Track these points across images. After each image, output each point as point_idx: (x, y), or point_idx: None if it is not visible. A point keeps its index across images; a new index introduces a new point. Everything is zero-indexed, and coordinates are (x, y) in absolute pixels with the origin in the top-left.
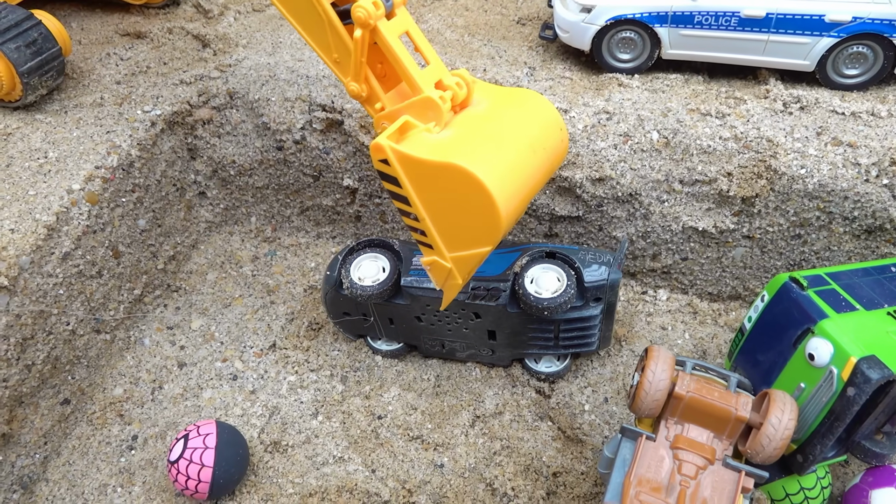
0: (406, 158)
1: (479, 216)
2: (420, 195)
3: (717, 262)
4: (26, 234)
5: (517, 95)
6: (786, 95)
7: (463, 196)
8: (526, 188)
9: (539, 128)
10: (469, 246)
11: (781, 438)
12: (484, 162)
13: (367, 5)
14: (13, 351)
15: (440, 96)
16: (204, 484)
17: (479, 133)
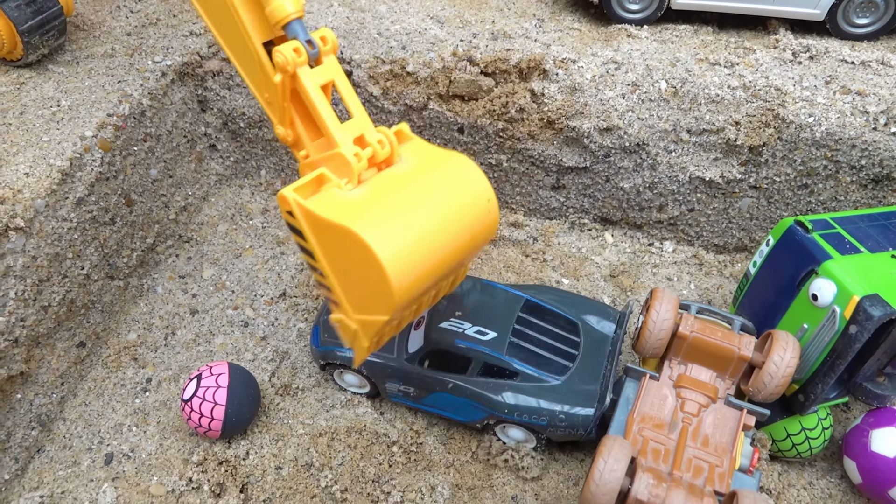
0: (309, 214)
1: (374, 284)
2: (324, 252)
3: (723, 213)
4: (41, 178)
5: (447, 161)
6: (795, 45)
7: (359, 261)
8: (433, 261)
9: (461, 198)
10: (370, 312)
11: (783, 376)
12: (381, 229)
13: (287, 51)
14: (30, 291)
15: (355, 153)
16: (217, 422)
17: (390, 197)
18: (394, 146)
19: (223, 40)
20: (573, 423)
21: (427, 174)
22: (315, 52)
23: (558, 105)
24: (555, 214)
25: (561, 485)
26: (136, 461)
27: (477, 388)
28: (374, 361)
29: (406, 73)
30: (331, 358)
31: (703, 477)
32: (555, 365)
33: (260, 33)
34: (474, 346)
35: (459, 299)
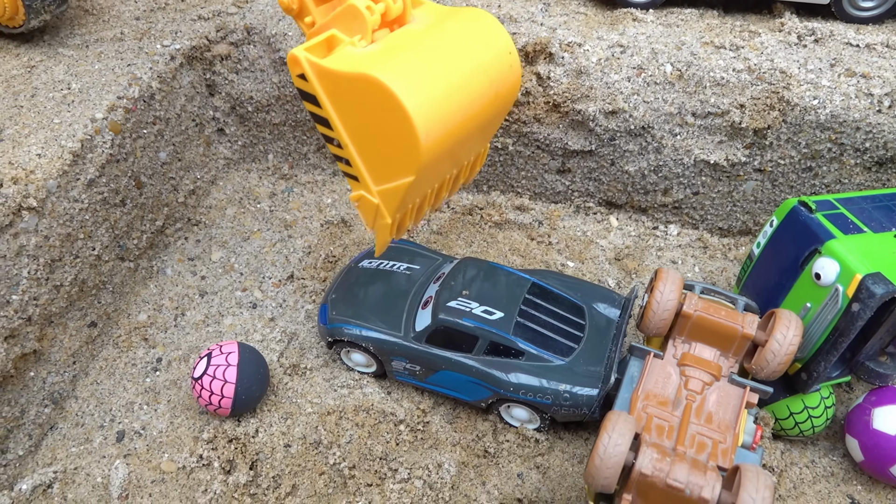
0: (323, 71)
1: (398, 140)
2: (341, 116)
3: (727, 196)
4: (52, 159)
5: (464, 15)
6: (800, 28)
7: (382, 116)
8: (461, 114)
9: (483, 51)
10: (393, 176)
11: (786, 354)
12: (404, 75)
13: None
14: (42, 271)
15: (367, 6)
16: (227, 399)
17: (409, 48)
18: (407, 2)
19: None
20: (577, 402)
21: (445, 29)
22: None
23: (564, 88)
24: (560, 198)
25: (566, 462)
26: (148, 438)
27: (482, 366)
28: (381, 339)
29: None
30: (338, 335)
31: (707, 453)
32: (560, 346)
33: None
34: (481, 325)
35: (467, 279)
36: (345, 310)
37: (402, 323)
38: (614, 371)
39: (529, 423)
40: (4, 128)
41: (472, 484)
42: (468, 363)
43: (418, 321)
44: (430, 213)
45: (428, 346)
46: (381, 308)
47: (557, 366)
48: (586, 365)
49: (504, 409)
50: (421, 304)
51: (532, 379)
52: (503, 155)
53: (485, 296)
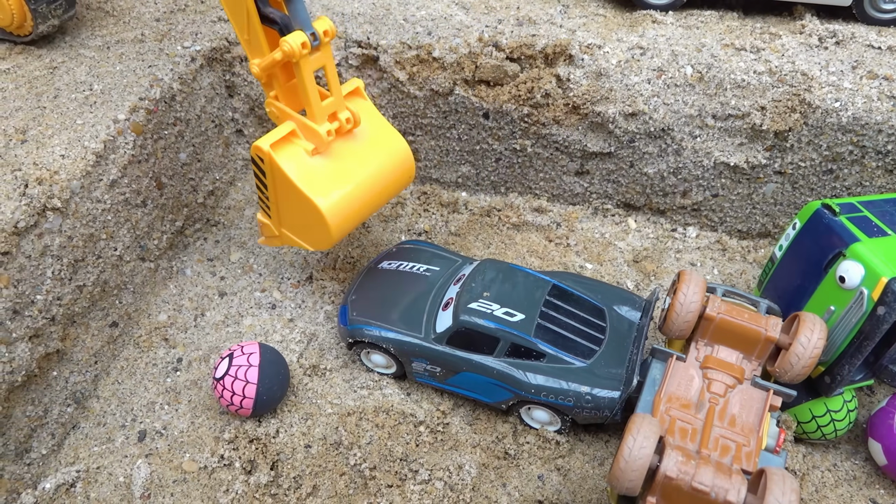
0: (278, 169)
1: (316, 233)
2: (277, 193)
3: (747, 199)
4: (76, 160)
5: (386, 135)
6: (821, 30)
7: (310, 215)
8: (361, 215)
9: (390, 170)
10: (298, 236)
11: (810, 357)
12: (333, 201)
13: (296, 45)
14: (66, 271)
15: (328, 130)
16: (248, 400)
17: (341, 167)
18: (357, 121)
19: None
20: (599, 404)
21: (370, 144)
22: (317, 43)
23: (584, 90)
24: (578, 200)
25: (586, 465)
26: (169, 438)
27: (503, 368)
28: (401, 340)
29: (432, 58)
30: (358, 336)
31: (731, 456)
32: (581, 348)
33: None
34: (502, 327)
35: (488, 280)
36: (365, 311)
37: (423, 324)
38: (636, 373)
39: (550, 425)
40: (28, 129)
41: (493, 486)
42: (489, 365)
43: (439, 322)
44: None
45: (449, 348)
46: (401, 309)
47: (579, 368)
48: (608, 367)
49: (524, 411)
50: (441, 305)
51: (553, 381)
52: (521, 157)
53: (505, 297)
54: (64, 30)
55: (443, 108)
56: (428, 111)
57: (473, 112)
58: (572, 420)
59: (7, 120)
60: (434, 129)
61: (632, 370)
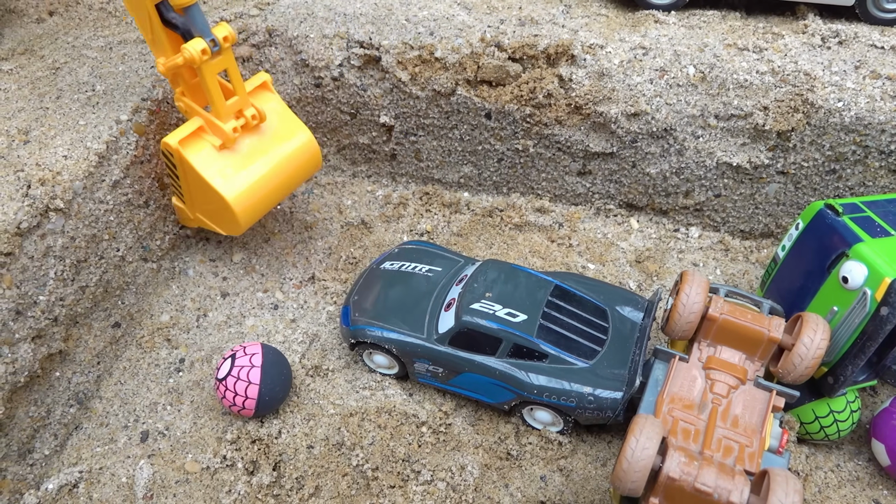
0: (187, 164)
1: (227, 221)
2: (188, 184)
3: (750, 199)
4: (79, 160)
5: (291, 127)
6: (824, 30)
7: (218, 203)
8: (268, 203)
9: (295, 160)
10: (212, 221)
11: (813, 357)
12: (239, 190)
13: (195, 51)
14: (69, 272)
15: (234, 127)
16: (251, 400)
17: (247, 159)
18: (262, 117)
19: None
20: (602, 405)
21: (275, 137)
22: (217, 48)
23: (586, 90)
24: (580, 200)
25: (589, 465)
26: (171, 439)
27: (506, 368)
28: (403, 341)
29: (434, 58)
30: (361, 337)
31: (733, 456)
32: (584, 348)
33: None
34: (504, 328)
35: (490, 281)
36: (367, 311)
37: (425, 325)
38: (639, 374)
39: (552, 425)
40: (31, 129)
41: (495, 486)
42: (491, 365)
43: (441, 323)
44: None
45: (451, 348)
46: (403, 310)
47: (581, 368)
48: (610, 368)
49: (527, 411)
50: (443, 306)
51: (556, 381)
52: (524, 157)
53: (508, 298)
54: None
55: (445, 108)
56: (430, 111)
57: (475, 112)
58: (575, 421)
59: (10, 120)
60: (436, 130)
61: (634, 371)
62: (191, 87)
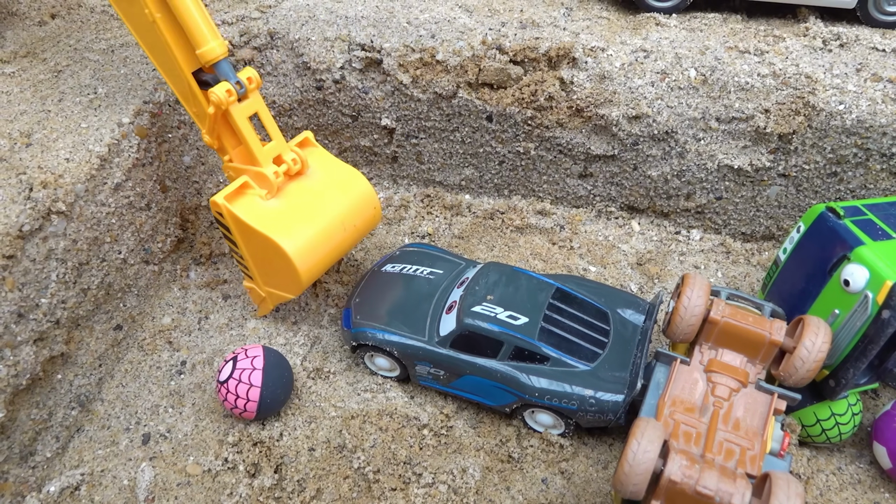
0: (237, 219)
1: (286, 276)
2: (245, 245)
3: (751, 201)
4: (80, 163)
5: (345, 176)
6: (825, 33)
7: (276, 258)
8: (330, 257)
9: (354, 209)
10: (279, 289)
11: (815, 360)
12: (296, 239)
13: (221, 93)
14: (70, 274)
15: (274, 171)
16: (252, 403)
17: (301, 208)
18: (304, 162)
19: (158, 65)
20: (603, 408)
21: (329, 188)
22: (243, 90)
23: (587, 93)
24: (581, 202)
25: (590, 468)
26: (173, 441)
27: (507, 371)
28: (405, 343)
29: (436, 61)
30: (362, 340)
31: (735, 460)
32: (585, 351)
33: (189, 65)
34: (506, 330)
35: (491, 283)
36: (369, 314)
37: (427, 328)
38: (640, 377)
39: (554, 428)
40: (33, 132)
41: (497, 489)
42: (493, 368)
43: (442, 326)
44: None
45: (452, 351)
46: (404, 312)
47: (582, 371)
48: (611, 370)
49: (528, 414)
50: (445, 308)
51: (557, 384)
52: (525, 160)
53: (509, 301)
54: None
55: (446, 110)
56: (431, 114)
57: (477, 115)
58: (576, 423)
59: (12, 123)
60: (437, 132)
61: (635, 374)
62: (237, 152)
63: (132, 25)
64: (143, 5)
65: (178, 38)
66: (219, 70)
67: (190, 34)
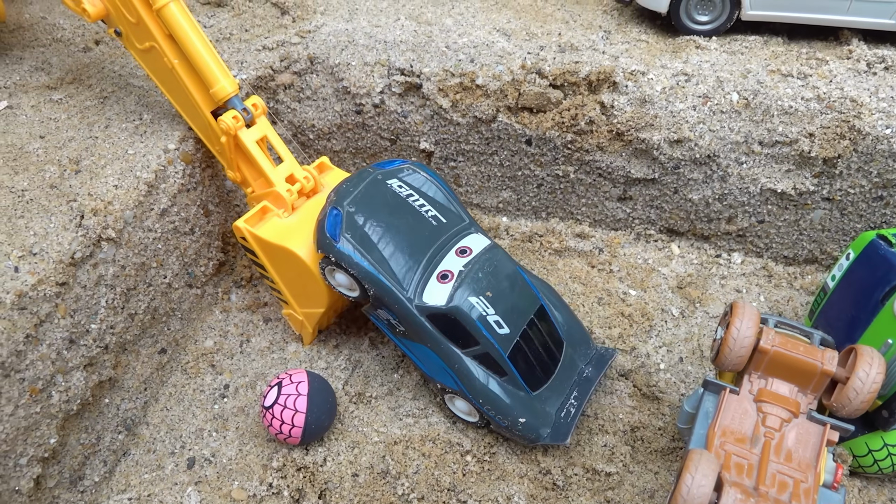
0: (257, 238)
1: (311, 287)
2: (272, 266)
3: (794, 225)
4: (129, 189)
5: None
6: (869, 55)
7: (297, 270)
8: None
9: None
10: (312, 306)
11: (868, 392)
12: (310, 246)
13: (228, 119)
14: (119, 300)
15: (287, 189)
16: (297, 429)
17: (313, 219)
18: (316, 179)
19: (181, 110)
20: (524, 434)
21: None
22: (249, 116)
23: (628, 117)
24: (620, 225)
25: (636, 496)
26: (218, 466)
27: (466, 367)
28: (386, 288)
29: (475, 85)
30: (339, 259)
31: (788, 492)
32: (536, 378)
33: (208, 105)
34: (489, 337)
35: (493, 277)
36: (360, 237)
37: (413, 284)
38: (572, 431)
39: (468, 415)
40: (82, 159)
41: None
42: (455, 356)
43: (429, 292)
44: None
45: (427, 321)
46: (396, 255)
47: (525, 396)
48: (545, 404)
49: (448, 398)
50: (437, 274)
51: (501, 399)
52: (563, 182)
53: (501, 303)
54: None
55: (485, 134)
56: (470, 137)
57: (516, 138)
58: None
59: (61, 150)
60: (476, 156)
61: (566, 415)
62: (258, 185)
63: (155, 74)
64: (162, 54)
65: (195, 82)
66: (229, 105)
67: (203, 75)
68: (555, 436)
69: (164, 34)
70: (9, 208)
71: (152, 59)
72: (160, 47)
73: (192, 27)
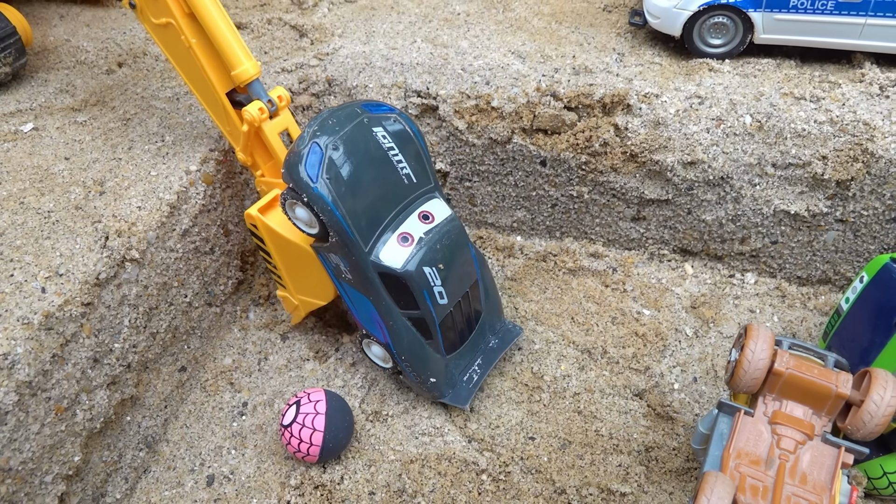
0: (269, 229)
1: (317, 281)
2: (278, 254)
3: (807, 246)
4: (152, 211)
5: None
6: (882, 79)
7: (307, 263)
8: None
9: None
10: (311, 296)
11: (883, 415)
12: None
13: (254, 111)
14: (142, 319)
15: None
16: (315, 447)
17: None
18: None
19: (192, 85)
20: (430, 391)
21: None
22: (274, 108)
23: (642, 139)
24: (634, 245)
25: None
26: (237, 483)
27: (399, 326)
28: (348, 237)
29: (491, 107)
30: (312, 201)
31: None
32: (452, 343)
33: (223, 87)
34: (430, 305)
35: (448, 249)
36: (336, 181)
37: (373, 238)
38: (466, 382)
39: (382, 361)
40: (106, 180)
41: None
42: (393, 314)
43: (387, 251)
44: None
45: (377, 277)
46: (365, 206)
47: (440, 359)
48: (454, 367)
49: (366, 343)
50: (398, 235)
51: (421, 359)
52: (577, 203)
53: (449, 276)
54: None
55: (500, 155)
56: (486, 158)
57: (531, 160)
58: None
59: (86, 171)
60: (491, 176)
61: (469, 382)
62: (269, 168)
63: (169, 52)
64: (180, 32)
65: (211, 61)
66: (252, 90)
67: (225, 57)
68: (455, 398)
69: (184, 12)
70: (35, 229)
71: (167, 35)
72: (178, 25)
73: (216, 6)
